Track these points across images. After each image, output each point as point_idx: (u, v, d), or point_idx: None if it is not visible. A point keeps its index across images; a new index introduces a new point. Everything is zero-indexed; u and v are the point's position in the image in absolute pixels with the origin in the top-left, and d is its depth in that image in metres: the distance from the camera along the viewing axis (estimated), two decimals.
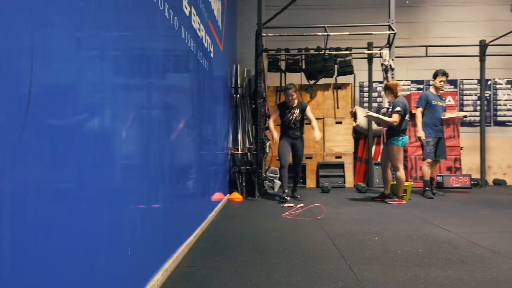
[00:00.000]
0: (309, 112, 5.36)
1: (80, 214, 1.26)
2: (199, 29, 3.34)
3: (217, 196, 4.48)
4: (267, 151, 6.16)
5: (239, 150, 6.07)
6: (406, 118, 4.97)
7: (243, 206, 4.90)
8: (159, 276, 2.02)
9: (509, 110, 7.92)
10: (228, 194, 5.47)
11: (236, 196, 5.40)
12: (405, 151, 6.58)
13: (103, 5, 1.44)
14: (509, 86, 7.92)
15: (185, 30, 2.79)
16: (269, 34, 6.32)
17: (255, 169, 5.72)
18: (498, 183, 7.53)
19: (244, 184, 5.63)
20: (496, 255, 2.61)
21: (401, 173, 4.91)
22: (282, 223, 3.74)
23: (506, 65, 7.65)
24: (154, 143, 2.08)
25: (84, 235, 1.28)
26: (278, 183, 6.18)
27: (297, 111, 5.30)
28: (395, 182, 5.03)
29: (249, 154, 6.02)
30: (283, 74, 7.09)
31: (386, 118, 4.89)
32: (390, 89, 5.00)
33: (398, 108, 4.82)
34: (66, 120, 1.19)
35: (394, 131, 4.89)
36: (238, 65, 6.54)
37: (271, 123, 5.40)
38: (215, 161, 4.44)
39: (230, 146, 5.87)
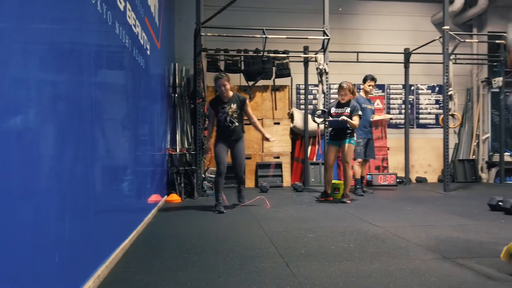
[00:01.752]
0: (248, 108, 4.55)
1: None
2: (134, 25, 3.22)
3: (154, 197, 4.35)
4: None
5: (178, 151, 5.96)
6: None
7: (181, 207, 4.81)
8: (91, 284, 1.92)
9: (429, 113, 8.64)
10: (166, 196, 5.34)
11: (174, 197, 5.29)
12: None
13: None
14: (429, 91, 8.64)
15: (120, 26, 2.67)
16: (208, 34, 6.28)
17: (194, 169, 5.65)
18: (420, 180, 8.19)
19: (182, 185, 5.54)
20: (418, 247, 2.84)
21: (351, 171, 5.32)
22: (220, 224, 3.73)
23: (427, 71, 8.33)
24: (85, 143, 1.97)
25: (2, 243, 1.17)
26: None
27: (233, 106, 4.42)
28: (341, 181, 5.34)
29: (187, 154, 5.93)
30: None
31: (352, 122, 5.09)
32: (351, 91, 5.24)
33: (360, 112, 5.16)
34: None
35: (352, 132, 5.19)
36: (177, 64, 6.41)
37: (210, 130, 4.69)
38: (152, 162, 4.31)
39: (168, 147, 5.74)
